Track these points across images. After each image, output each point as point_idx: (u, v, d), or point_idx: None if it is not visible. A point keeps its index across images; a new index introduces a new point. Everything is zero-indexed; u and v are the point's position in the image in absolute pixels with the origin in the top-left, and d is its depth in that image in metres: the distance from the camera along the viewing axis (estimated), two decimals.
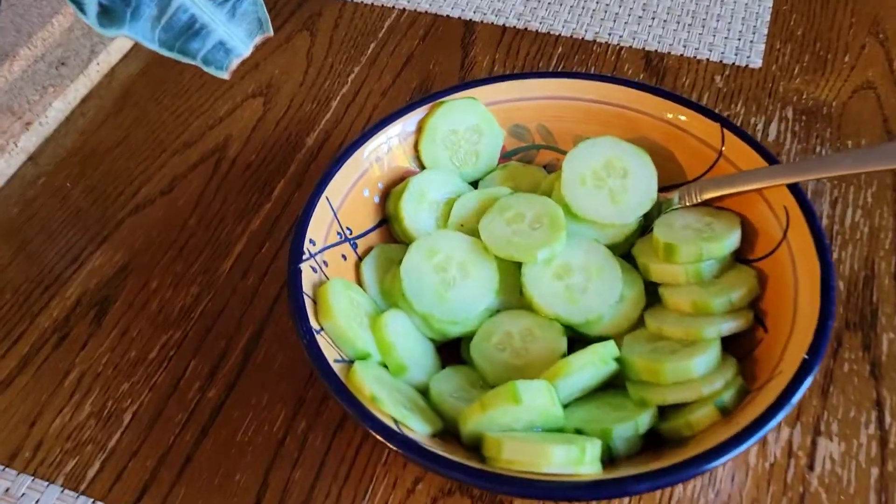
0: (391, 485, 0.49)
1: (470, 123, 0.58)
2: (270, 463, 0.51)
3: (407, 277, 0.50)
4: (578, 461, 0.40)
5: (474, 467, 0.40)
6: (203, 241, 0.63)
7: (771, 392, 0.43)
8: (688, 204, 0.53)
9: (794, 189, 0.50)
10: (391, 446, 0.41)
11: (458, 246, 0.52)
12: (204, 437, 0.52)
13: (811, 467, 0.49)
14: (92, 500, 0.50)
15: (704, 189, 0.52)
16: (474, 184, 0.58)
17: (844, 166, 0.48)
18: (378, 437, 0.42)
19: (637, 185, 0.53)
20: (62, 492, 0.51)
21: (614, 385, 0.49)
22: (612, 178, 0.53)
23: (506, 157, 0.60)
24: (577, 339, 0.50)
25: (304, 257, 0.49)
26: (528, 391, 0.42)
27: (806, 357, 0.43)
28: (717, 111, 0.62)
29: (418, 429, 0.44)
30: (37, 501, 0.50)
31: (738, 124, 0.67)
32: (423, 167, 0.58)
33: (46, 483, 0.51)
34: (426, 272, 0.51)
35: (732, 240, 0.50)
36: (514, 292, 0.52)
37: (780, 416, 0.41)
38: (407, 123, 0.57)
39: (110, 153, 0.70)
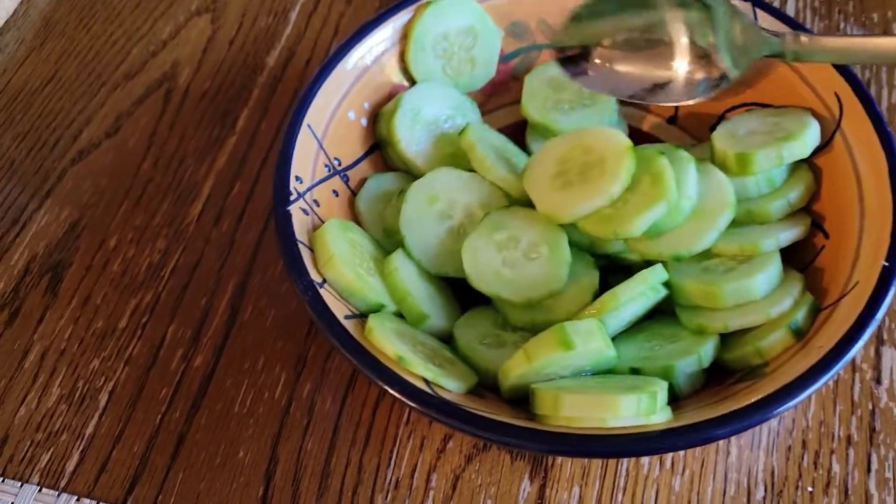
0: (418, 446, 0.44)
1: (462, 25, 0.50)
2: (277, 434, 0.45)
3: (408, 230, 0.43)
4: (650, 409, 0.35)
5: (538, 430, 0.34)
6: (163, 186, 0.54)
7: (850, 308, 0.37)
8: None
9: (846, 72, 0.44)
10: (430, 414, 0.35)
11: (462, 187, 0.44)
12: (196, 412, 0.46)
13: (878, 380, 0.44)
14: (76, 496, 0.44)
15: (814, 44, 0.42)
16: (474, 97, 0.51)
17: None
18: (411, 404, 0.36)
19: None
20: (39, 491, 0.44)
21: (660, 311, 0.43)
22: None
23: (504, 60, 0.52)
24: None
25: (291, 198, 0.42)
26: (580, 334, 0.36)
27: (886, 264, 0.38)
28: None
29: (453, 387, 0.38)
30: None
31: None
32: (413, 82, 0.50)
33: (20, 483, 0.44)
34: (429, 221, 0.43)
35: (813, 134, 0.43)
36: None
37: (866, 336, 0.36)
38: (389, 31, 0.48)
39: (38, 93, 0.60)
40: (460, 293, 0.45)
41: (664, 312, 0.43)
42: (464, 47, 0.50)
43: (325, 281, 0.40)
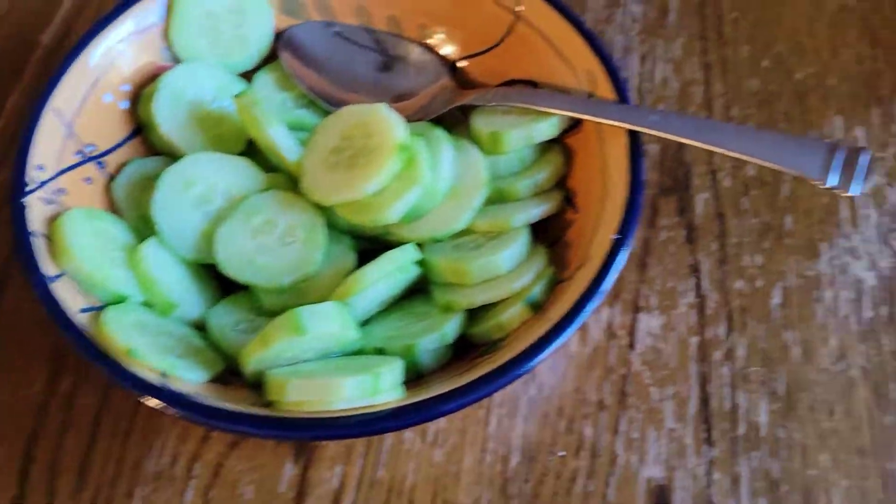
0: (181, 436, 0.43)
1: (229, 2, 0.48)
2: (33, 433, 0.43)
3: (161, 216, 0.42)
4: (374, 390, 0.35)
5: (254, 414, 0.34)
6: None
7: (582, 280, 0.39)
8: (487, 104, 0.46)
9: (599, 50, 0.45)
10: (157, 404, 0.35)
11: (222, 170, 0.43)
12: None
13: (632, 346, 0.47)
14: None
15: (509, 98, 0.46)
16: (247, 75, 0.50)
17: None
18: (138, 395, 0.35)
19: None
20: None
21: (424, 290, 0.44)
22: None
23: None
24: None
25: (29, 188, 0.40)
26: (314, 318, 0.36)
27: (615, 237, 0.39)
28: None
29: (191, 377, 0.37)
30: None
31: None
32: (178, 60, 0.48)
33: None
34: (184, 207, 0.42)
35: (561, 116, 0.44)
36: None
37: (592, 307, 0.38)
38: (149, 8, 0.47)
39: None
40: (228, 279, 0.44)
41: (425, 292, 0.43)
42: (233, 25, 0.49)
43: (62, 273, 0.39)
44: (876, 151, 0.53)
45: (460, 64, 0.50)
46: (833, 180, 0.38)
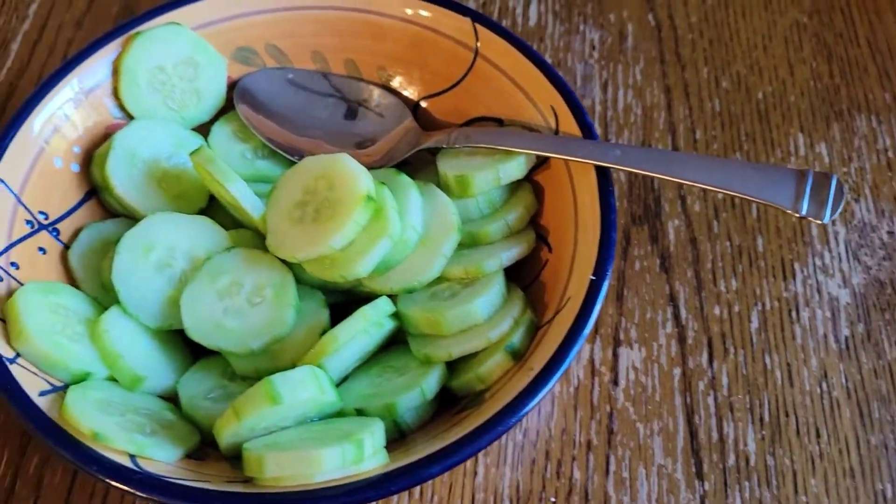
0: None
1: (180, 56, 0.47)
2: None
3: (122, 284, 0.40)
4: (357, 459, 0.34)
5: (232, 493, 0.33)
6: None
7: (562, 325, 0.38)
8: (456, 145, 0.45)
9: (560, 85, 0.45)
10: (128, 490, 0.33)
11: (182, 231, 0.42)
12: None
13: (616, 382, 0.46)
14: None
15: (472, 139, 0.45)
16: (203, 129, 0.48)
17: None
18: (108, 482, 0.33)
19: None
20: None
21: (397, 341, 0.42)
22: None
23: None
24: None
25: None
26: (288, 386, 0.35)
27: (593, 278, 0.39)
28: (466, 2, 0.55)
29: (163, 455, 0.36)
30: None
31: (497, 9, 0.61)
32: (131, 117, 0.46)
33: None
34: (145, 273, 0.41)
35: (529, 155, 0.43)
36: None
37: (574, 353, 0.37)
38: (95, 68, 0.45)
39: None
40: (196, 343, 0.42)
41: (401, 342, 0.42)
42: (185, 79, 0.47)
43: (19, 355, 0.37)
44: (839, 166, 0.54)
45: (422, 104, 0.49)
46: (804, 209, 0.38)
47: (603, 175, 0.42)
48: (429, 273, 0.41)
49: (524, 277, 0.43)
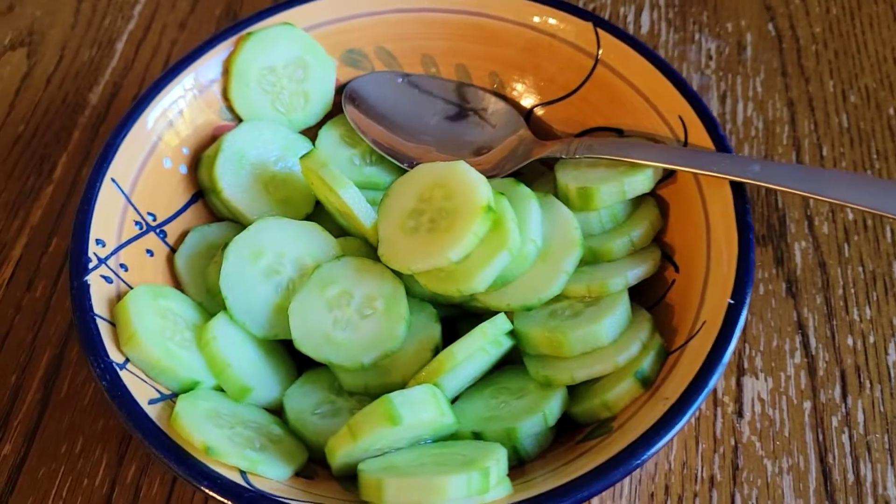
0: None
1: (291, 56, 0.46)
2: None
3: (230, 290, 0.38)
4: (483, 489, 0.31)
5: None
6: None
7: (697, 352, 0.35)
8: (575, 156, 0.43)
9: (689, 94, 0.42)
10: None
11: (291, 238, 0.40)
12: None
13: (740, 413, 0.43)
14: None
15: (595, 150, 0.42)
16: (309, 132, 0.47)
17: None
18: (219, 499, 0.32)
19: None
20: None
21: (511, 360, 0.40)
22: None
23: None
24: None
25: (90, 266, 0.37)
26: (408, 406, 0.33)
27: (731, 302, 0.36)
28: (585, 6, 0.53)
29: (274, 473, 0.34)
30: None
31: (607, 15, 0.58)
32: (239, 119, 0.45)
33: None
34: (253, 279, 0.39)
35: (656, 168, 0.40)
36: None
37: (713, 383, 0.34)
38: (207, 67, 0.44)
39: None
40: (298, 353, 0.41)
41: (513, 362, 0.40)
42: (294, 80, 0.46)
43: (128, 360, 0.36)
44: None
45: (536, 112, 0.47)
46: None
47: (739, 191, 0.39)
48: (549, 290, 0.38)
49: (647, 298, 0.41)
